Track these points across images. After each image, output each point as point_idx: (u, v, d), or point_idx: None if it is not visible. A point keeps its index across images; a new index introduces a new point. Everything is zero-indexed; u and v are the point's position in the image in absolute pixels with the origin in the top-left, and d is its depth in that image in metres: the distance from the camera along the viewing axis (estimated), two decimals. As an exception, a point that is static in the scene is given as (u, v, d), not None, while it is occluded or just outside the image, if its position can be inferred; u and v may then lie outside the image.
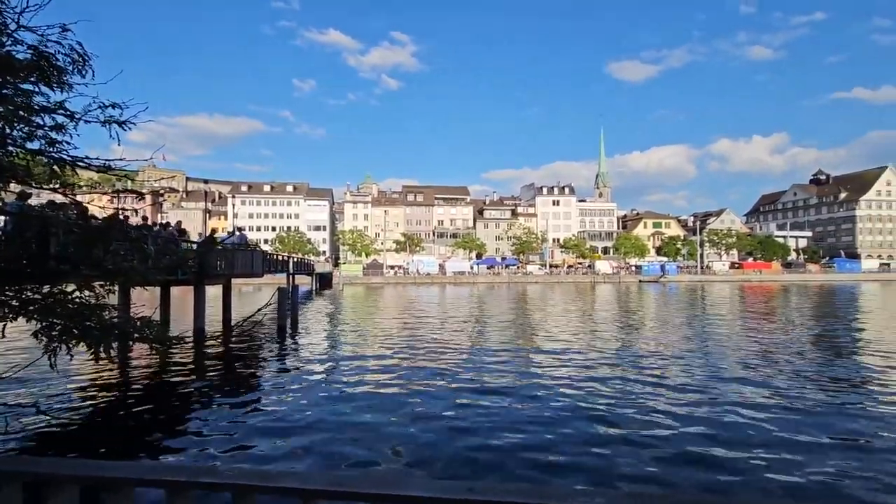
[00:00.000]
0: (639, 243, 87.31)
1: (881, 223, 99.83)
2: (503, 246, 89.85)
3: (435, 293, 43.07)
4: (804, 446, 5.67)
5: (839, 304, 28.53)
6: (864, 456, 5.41)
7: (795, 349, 12.61)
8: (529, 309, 26.20)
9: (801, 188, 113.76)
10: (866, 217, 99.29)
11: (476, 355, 11.69)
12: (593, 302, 31.66)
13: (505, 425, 6.43)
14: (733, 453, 5.46)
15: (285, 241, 76.98)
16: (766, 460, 5.27)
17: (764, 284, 60.40)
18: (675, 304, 29.11)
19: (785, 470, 5.04)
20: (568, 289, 50.40)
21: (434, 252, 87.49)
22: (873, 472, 4.98)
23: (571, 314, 23.02)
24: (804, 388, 8.42)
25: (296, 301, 19.46)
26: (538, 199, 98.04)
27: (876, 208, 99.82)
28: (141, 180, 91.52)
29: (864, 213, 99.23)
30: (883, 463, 5.19)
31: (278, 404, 7.54)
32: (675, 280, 69.01)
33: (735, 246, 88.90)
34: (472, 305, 28.58)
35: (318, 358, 11.59)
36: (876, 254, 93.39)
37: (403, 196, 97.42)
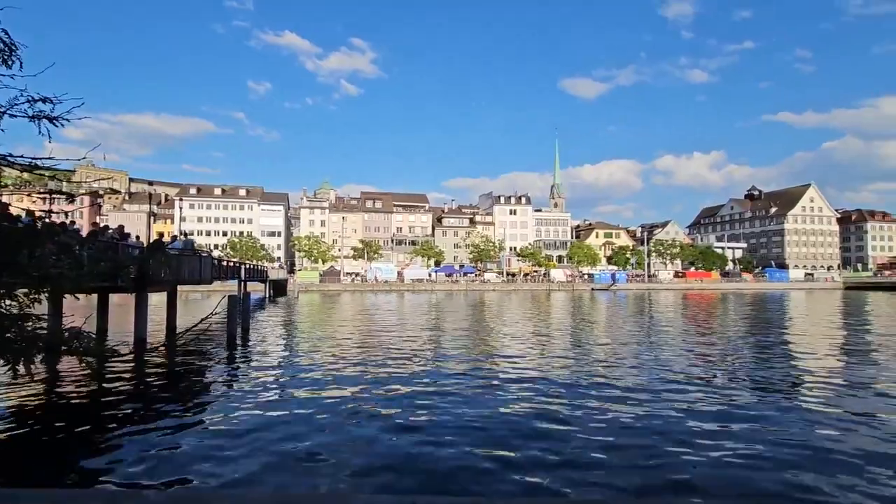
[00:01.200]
0: (591, 252, 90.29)
1: (806, 236, 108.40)
2: (461, 254, 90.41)
3: (393, 300, 42.59)
4: (728, 435, 5.95)
5: (770, 311, 30.59)
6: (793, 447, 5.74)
7: (731, 352, 13.33)
8: (487, 317, 26.39)
9: (737, 203, 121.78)
10: (793, 230, 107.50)
11: (434, 366, 11.56)
12: (549, 310, 32.33)
13: (461, 433, 6.36)
14: (673, 448, 5.64)
15: (237, 247, 73.98)
16: (709, 450, 5.48)
17: (704, 292, 63.94)
18: (624, 312, 30.20)
19: (718, 461, 5.26)
20: (524, 296, 51.27)
21: (392, 259, 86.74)
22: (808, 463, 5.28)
23: (528, 322, 23.37)
24: (739, 386, 8.89)
25: (247, 309, 18.66)
26: (496, 207, 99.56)
27: (801, 222, 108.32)
28: (78, 181, 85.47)
29: (792, 227, 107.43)
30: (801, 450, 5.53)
31: (223, 422, 7.10)
32: (624, 288, 71.76)
33: (679, 256, 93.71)
34: (431, 313, 28.46)
35: (269, 369, 11.10)
36: (802, 264, 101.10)
37: (362, 202, 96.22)
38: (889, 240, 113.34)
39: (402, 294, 56.65)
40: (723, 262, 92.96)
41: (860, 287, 75.10)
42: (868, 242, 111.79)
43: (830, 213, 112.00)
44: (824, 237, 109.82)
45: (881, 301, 42.85)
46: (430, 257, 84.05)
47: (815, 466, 5.36)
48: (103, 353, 5.44)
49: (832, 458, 5.59)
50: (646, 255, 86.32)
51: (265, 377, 10.13)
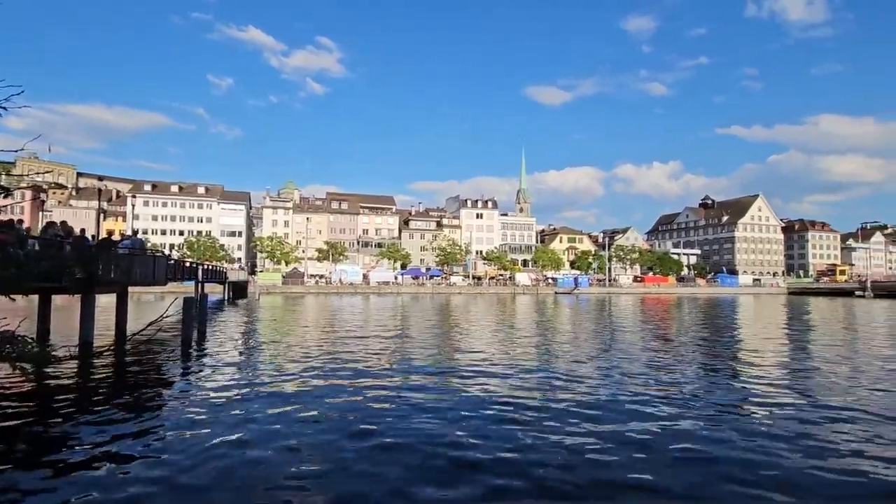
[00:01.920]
0: (555, 257, 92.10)
1: (755, 244, 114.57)
2: (428, 256, 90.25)
3: (358, 303, 41.96)
4: (683, 433, 6.12)
5: (722, 315, 32.05)
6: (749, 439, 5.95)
7: (686, 356, 13.81)
8: (453, 319, 26.36)
9: (692, 211, 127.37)
10: (743, 238, 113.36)
11: (399, 371, 11.36)
12: (514, 313, 32.65)
13: (423, 439, 6.24)
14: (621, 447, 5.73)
15: (195, 247, 71.04)
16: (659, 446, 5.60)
17: (661, 296, 66.37)
18: (586, 315, 30.88)
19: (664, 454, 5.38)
20: (490, 300, 51.65)
21: (358, 261, 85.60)
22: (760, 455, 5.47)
23: (493, 325, 23.49)
24: (689, 385, 9.19)
25: (204, 312, 17.84)
26: (463, 211, 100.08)
27: (750, 231, 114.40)
28: (19, 174, 79.90)
29: (741, 235, 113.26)
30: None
31: (176, 435, 6.69)
32: (587, 292, 73.53)
33: (638, 261, 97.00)
34: (397, 316, 28.17)
35: (227, 375, 10.60)
36: (750, 270, 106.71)
37: (327, 203, 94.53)
38: (827, 248, 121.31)
39: (368, 296, 55.94)
40: (679, 267, 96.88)
41: (802, 292, 79.86)
42: (809, 251, 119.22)
43: (776, 222, 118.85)
44: (770, 245, 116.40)
45: (821, 305, 45.72)
46: (397, 260, 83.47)
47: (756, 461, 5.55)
48: (41, 358, 4.99)
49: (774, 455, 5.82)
50: (607, 261, 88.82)
51: (222, 384, 9.66)
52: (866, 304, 47.16)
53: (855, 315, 32.48)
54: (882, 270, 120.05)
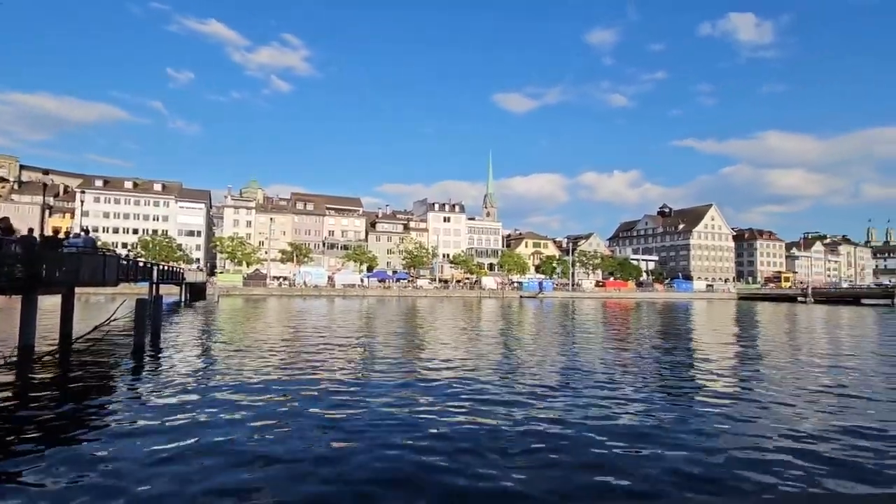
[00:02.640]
0: (521, 261, 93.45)
1: (708, 251, 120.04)
2: (395, 259, 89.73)
3: (323, 306, 41.22)
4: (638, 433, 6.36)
5: (678, 318, 33.43)
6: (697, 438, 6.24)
7: (644, 356, 14.33)
8: (419, 323, 26.30)
9: (651, 218, 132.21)
10: (697, 245, 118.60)
11: (362, 376, 11.23)
12: (480, 316, 32.90)
13: (387, 449, 6.20)
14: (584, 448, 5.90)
15: (150, 247, 67.91)
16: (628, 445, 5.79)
17: (622, 301, 68.48)
18: (550, 319, 31.49)
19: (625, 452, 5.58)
20: (456, 303, 51.84)
21: (323, 263, 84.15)
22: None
23: (459, 329, 23.59)
24: (649, 388, 9.55)
25: (158, 314, 17.08)
26: (430, 214, 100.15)
27: (704, 239, 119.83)
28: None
29: (696, 242, 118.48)
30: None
31: (125, 446, 6.37)
32: (551, 296, 74.97)
33: (600, 266, 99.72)
34: (362, 319, 27.85)
35: (181, 382, 10.18)
36: (704, 276, 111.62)
37: (292, 204, 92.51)
38: (773, 256, 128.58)
39: (333, 299, 55.06)
40: (638, 272, 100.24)
41: (750, 298, 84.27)
42: (757, 258, 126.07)
43: (728, 231, 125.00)
44: (722, 252, 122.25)
45: (767, 310, 48.41)
46: (363, 262, 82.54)
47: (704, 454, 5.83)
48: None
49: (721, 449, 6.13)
50: (570, 265, 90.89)
51: (176, 390, 9.26)
52: (807, 310, 50.24)
53: (796, 320, 34.56)
54: (821, 278, 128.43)
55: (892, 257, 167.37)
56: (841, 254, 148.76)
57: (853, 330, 26.55)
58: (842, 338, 22.11)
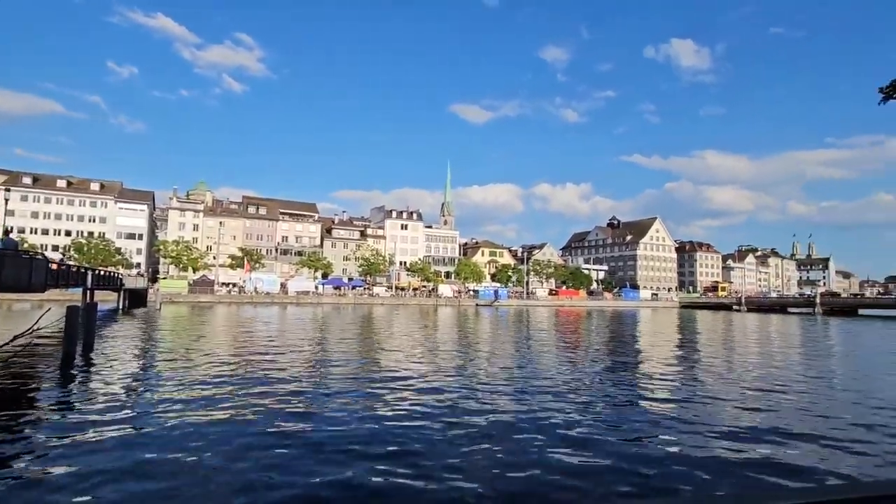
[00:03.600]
0: (477, 269, 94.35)
1: (653, 262, 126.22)
2: (351, 266, 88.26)
3: (275, 314, 39.83)
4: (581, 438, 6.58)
5: (626, 325, 34.85)
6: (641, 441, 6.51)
7: (596, 361, 14.83)
8: (374, 331, 25.95)
9: (601, 230, 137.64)
10: (643, 256, 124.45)
11: (314, 391, 10.90)
12: (436, 324, 32.87)
13: (337, 466, 6.05)
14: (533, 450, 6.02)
15: (85, 250, 63.27)
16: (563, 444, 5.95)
17: (574, 309, 70.61)
18: (505, 327, 31.94)
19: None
20: (413, 311, 51.57)
21: (276, 270, 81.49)
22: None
23: (415, 336, 23.47)
24: (599, 394, 9.89)
25: (92, 322, 15.90)
26: (387, 221, 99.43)
27: (650, 250, 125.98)
28: None
29: (642, 253, 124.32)
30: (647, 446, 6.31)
31: (51, 465, 5.87)
32: (506, 304, 76.11)
33: (553, 275, 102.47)
34: (316, 328, 27.14)
35: (110, 395, 9.50)
36: (650, 286, 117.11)
37: (243, 207, 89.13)
38: (711, 267, 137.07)
39: (285, 307, 53.36)
40: (589, 281, 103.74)
41: (691, 306, 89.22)
42: (697, 269, 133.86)
43: (671, 243, 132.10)
44: (666, 263, 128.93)
45: (706, 318, 51.41)
46: (318, 269, 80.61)
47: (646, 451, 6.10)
48: None
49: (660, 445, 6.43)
50: (525, 274, 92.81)
51: (106, 404, 8.64)
52: (741, 318, 53.78)
53: (732, 327, 36.90)
54: (754, 287, 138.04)
55: (813, 269, 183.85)
56: (770, 266, 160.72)
57: (781, 336, 28.67)
58: (772, 342, 23.83)
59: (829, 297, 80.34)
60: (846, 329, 36.19)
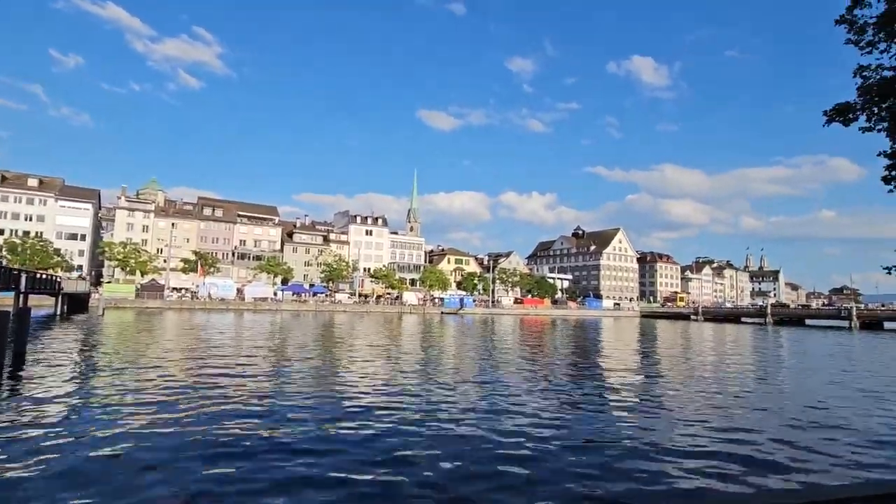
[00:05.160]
0: (442, 277, 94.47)
1: (616, 272, 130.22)
2: (312, 272, 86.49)
3: (230, 321, 38.42)
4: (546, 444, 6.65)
5: (589, 334, 35.69)
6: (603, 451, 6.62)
7: (559, 370, 15.06)
8: (335, 339, 25.47)
9: (566, 239, 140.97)
10: (606, 266, 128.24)
11: (267, 404, 10.50)
12: (400, 333, 32.59)
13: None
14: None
15: (19, 250, 59.19)
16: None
17: (539, 317, 71.67)
18: (471, 335, 32.03)
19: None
20: (377, 319, 50.98)
21: (233, 275, 78.86)
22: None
23: (377, 346, 23.18)
24: (559, 399, 10.03)
25: (24, 329, 14.82)
26: (352, 227, 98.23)
27: (612, 260, 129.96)
28: None
29: (606, 263, 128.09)
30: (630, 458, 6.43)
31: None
32: (471, 312, 76.45)
33: (519, 284, 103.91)
34: (273, 335, 26.33)
35: (40, 410, 8.85)
36: (613, 295, 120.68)
37: (198, 209, 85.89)
38: (671, 277, 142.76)
39: (241, 314, 51.59)
40: (554, 290, 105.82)
41: (651, 315, 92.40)
42: (657, 279, 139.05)
43: (633, 253, 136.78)
44: (628, 273, 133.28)
45: (665, 327, 53.36)
46: (277, 274, 78.52)
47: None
48: None
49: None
50: (491, 282, 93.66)
51: (36, 420, 8.02)
52: (698, 327, 56.13)
53: (689, 335, 38.46)
54: (710, 298, 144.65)
55: (765, 281, 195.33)
56: (725, 277, 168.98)
57: (735, 345, 30.08)
58: (726, 350, 24.96)
59: (779, 308, 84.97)
60: (794, 338, 38.53)
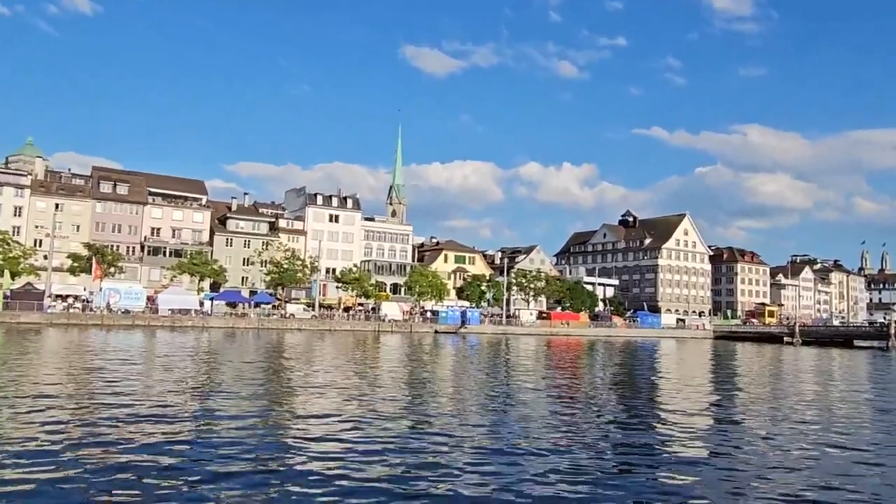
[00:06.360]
0: (437, 282, 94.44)
1: (679, 275, 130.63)
2: (254, 274, 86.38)
3: (136, 343, 38.23)
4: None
5: (639, 363, 35.60)
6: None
7: (598, 422, 14.86)
8: (284, 373, 25.35)
9: (610, 230, 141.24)
10: (667, 267, 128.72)
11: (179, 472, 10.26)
12: (376, 360, 32.45)
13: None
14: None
15: None
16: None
17: (572, 339, 71.78)
18: (475, 365, 31.85)
19: None
20: (343, 340, 50.85)
21: (142, 277, 78.81)
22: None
23: (342, 383, 23.06)
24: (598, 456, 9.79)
25: None
26: (310, 210, 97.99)
27: (676, 259, 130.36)
28: None
29: (666, 263, 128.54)
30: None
31: None
32: (477, 331, 76.51)
33: (544, 292, 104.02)
34: (196, 366, 26.20)
35: None
36: (675, 308, 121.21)
37: (94, 184, 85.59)
38: (757, 283, 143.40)
39: (154, 332, 51.42)
40: (593, 301, 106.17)
41: (730, 336, 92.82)
42: (738, 286, 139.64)
43: (704, 249, 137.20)
44: (697, 277, 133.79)
45: (749, 353, 53.48)
46: (205, 277, 78.41)
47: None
48: None
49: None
50: (505, 289, 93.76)
51: None
52: (794, 354, 56.36)
53: (783, 365, 38.44)
54: (811, 312, 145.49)
55: (887, 288, 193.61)
56: (832, 283, 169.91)
57: (848, 382, 29.98)
58: (837, 393, 24.81)
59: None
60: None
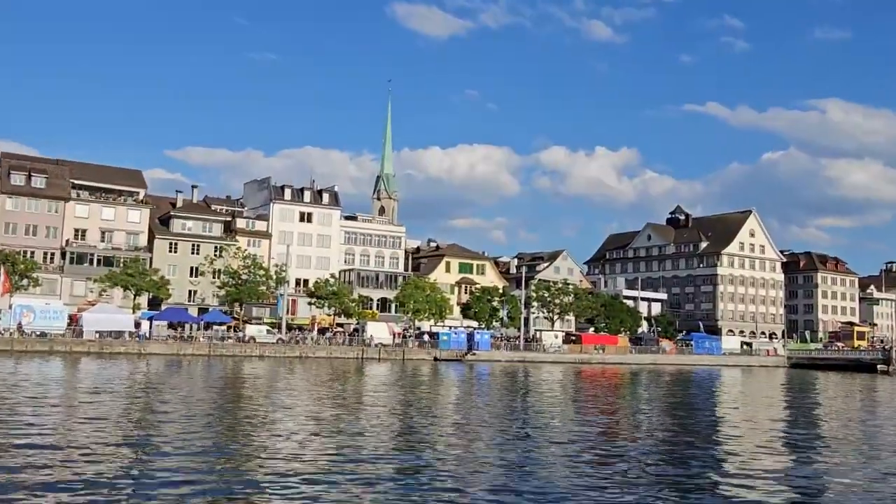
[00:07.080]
0: (437, 296, 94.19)
1: (743, 287, 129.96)
2: (204, 287, 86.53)
3: (54, 374, 38.16)
4: None
5: (694, 401, 35.25)
6: None
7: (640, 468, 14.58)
8: (239, 420, 25.27)
9: (656, 230, 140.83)
10: (728, 277, 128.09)
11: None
12: (357, 399, 32.28)
13: None
14: None
15: None
16: None
17: (607, 368, 71.35)
18: (485, 404, 31.60)
19: None
20: (317, 370, 50.73)
21: (62, 291, 79.04)
22: None
23: (312, 430, 22.91)
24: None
25: None
26: (275, 206, 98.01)
27: (739, 267, 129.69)
28: None
29: (727, 273, 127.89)
30: None
31: None
32: (487, 358, 76.19)
33: (573, 308, 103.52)
34: (127, 408, 26.10)
35: None
36: (738, 329, 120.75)
37: (2, 175, 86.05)
38: (841, 297, 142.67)
39: (77, 360, 51.36)
40: (635, 320, 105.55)
41: (808, 364, 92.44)
42: (818, 300, 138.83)
43: (775, 255, 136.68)
44: (766, 290, 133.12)
45: (834, 385, 53.03)
46: (142, 291, 78.56)
47: None
48: None
49: None
50: (523, 305, 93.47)
51: None
52: (891, 385, 55.84)
53: (876, 403, 38.01)
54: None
55: None
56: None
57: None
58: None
59: None
60: None
